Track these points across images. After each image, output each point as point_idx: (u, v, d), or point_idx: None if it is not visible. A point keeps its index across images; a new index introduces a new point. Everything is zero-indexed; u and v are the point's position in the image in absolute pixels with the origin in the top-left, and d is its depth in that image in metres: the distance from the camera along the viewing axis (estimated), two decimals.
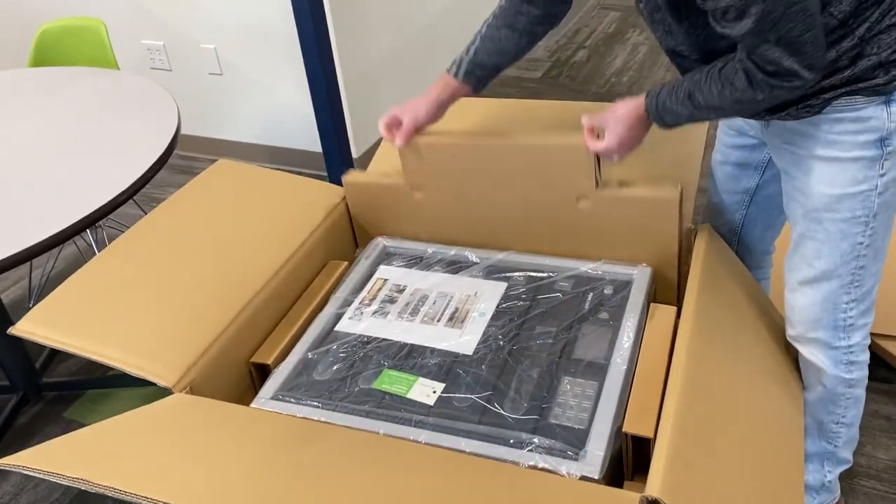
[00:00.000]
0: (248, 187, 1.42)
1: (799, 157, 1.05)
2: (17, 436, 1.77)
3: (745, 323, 1.16)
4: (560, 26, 3.74)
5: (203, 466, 0.81)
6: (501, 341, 1.13)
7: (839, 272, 1.07)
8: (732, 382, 1.04)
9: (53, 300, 1.14)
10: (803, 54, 0.88)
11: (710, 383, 0.98)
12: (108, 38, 2.12)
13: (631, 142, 1.09)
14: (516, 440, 0.97)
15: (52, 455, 0.78)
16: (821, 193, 1.03)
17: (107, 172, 1.49)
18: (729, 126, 1.23)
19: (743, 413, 1.02)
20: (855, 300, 1.09)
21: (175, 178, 2.81)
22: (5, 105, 1.84)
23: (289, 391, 1.09)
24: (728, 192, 1.28)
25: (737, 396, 1.03)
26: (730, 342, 1.09)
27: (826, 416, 1.21)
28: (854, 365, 1.14)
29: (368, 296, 1.26)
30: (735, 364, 1.07)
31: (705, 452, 0.89)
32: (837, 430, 1.22)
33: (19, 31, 2.92)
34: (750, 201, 1.26)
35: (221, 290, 1.18)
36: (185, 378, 1.04)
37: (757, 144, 1.20)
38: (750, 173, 1.23)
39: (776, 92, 0.93)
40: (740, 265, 1.26)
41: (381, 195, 1.37)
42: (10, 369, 1.81)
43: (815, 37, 0.88)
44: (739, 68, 0.93)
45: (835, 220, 1.04)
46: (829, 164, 1.01)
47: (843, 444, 1.24)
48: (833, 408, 1.19)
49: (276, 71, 2.63)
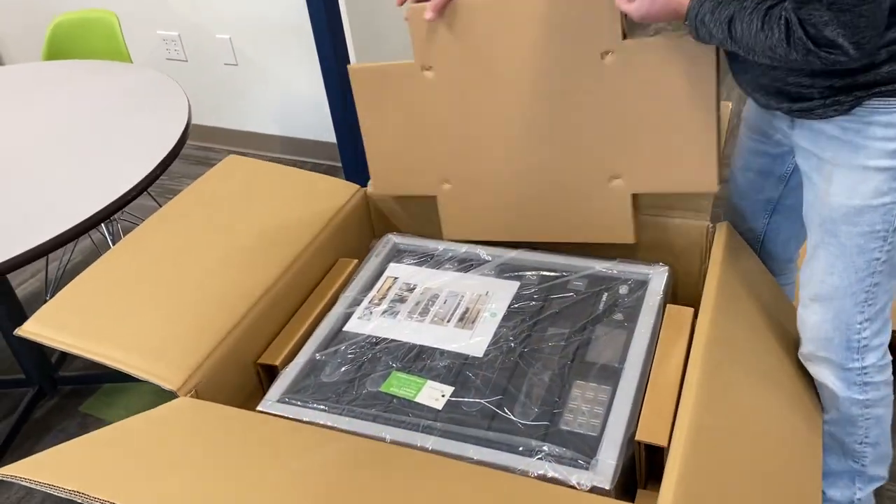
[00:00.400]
0: (257, 183, 1.40)
1: (821, 161, 0.99)
2: (33, 429, 1.78)
3: (763, 331, 1.12)
4: None
5: (205, 477, 0.79)
6: (512, 343, 1.11)
7: (852, 290, 1.01)
8: (748, 392, 1.00)
9: (60, 301, 1.13)
10: (853, 28, 0.80)
11: (726, 392, 0.95)
12: (120, 31, 2.11)
13: (656, 19, 1.00)
14: (526, 447, 0.94)
15: (52, 464, 0.77)
16: (840, 204, 0.97)
17: (118, 167, 1.49)
18: (751, 129, 1.16)
19: (758, 424, 0.99)
20: (868, 319, 1.03)
21: (191, 169, 2.81)
22: (18, 99, 1.84)
23: (296, 393, 1.08)
24: (750, 199, 1.22)
25: (752, 406, 1.00)
26: (747, 350, 1.06)
27: (846, 437, 1.15)
28: (869, 386, 1.08)
29: (378, 295, 1.24)
30: (751, 373, 1.04)
31: (720, 464, 0.86)
32: (862, 450, 1.15)
33: (33, 24, 2.92)
34: (773, 210, 1.20)
35: (230, 289, 1.16)
36: (190, 380, 1.03)
37: (780, 154, 1.13)
38: (773, 183, 1.17)
39: (811, 58, 0.85)
40: (760, 265, 1.22)
41: (389, 82, 1.26)
42: (26, 363, 1.82)
43: (872, 12, 0.79)
44: (783, 17, 0.85)
45: (851, 233, 0.98)
46: (853, 171, 0.95)
47: (872, 462, 1.17)
48: (852, 429, 1.13)
49: (290, 61, 2.61)
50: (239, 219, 1.31)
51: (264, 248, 1.25)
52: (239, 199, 1.36)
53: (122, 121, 1.67)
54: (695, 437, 0.85)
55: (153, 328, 1.09)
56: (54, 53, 2.19)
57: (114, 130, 1.64)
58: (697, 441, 0.85)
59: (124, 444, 0.84)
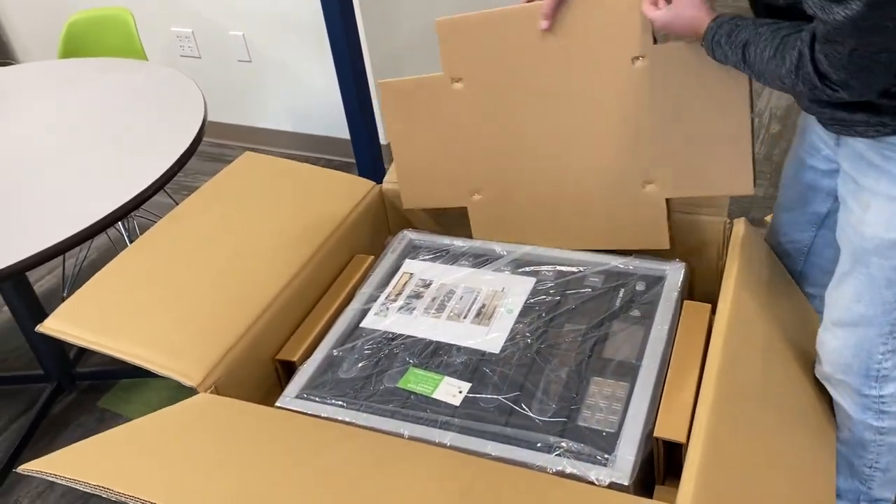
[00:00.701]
0: (273, 180, 1.41)
1: (860, 188, 0.96)
2: (52, 425, 1.80)
3: (782, 328, 1.12)
4: None
5: (227, 473, 0.80)
6: (529, 339, 1.11)
7: (878, 321, 0.98)
8: (767, 390, 1.00)
9: (80, 297, 1.14)
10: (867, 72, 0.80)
11: (745, 389, 0.95)
12: (135, 29, 2.12)
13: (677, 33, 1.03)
14: (544, 444, 0.94)
15: (75, 460, 0.78)
16: (874, 235, 0.94)
17: (135, 165, 1.49)
18: (803, 141, 1.12)
19: (775, 421, 0.98)
20: (891, 351, 1.00)
21: (205, 166, 2.82)
22: (35, 97, 1.85)
23: (314, 389, 1.08)
24: (798, 211, 1.18)
25: (770, 404, 0.99)
26: (765, 347, 1.06)
27: (856, 459, 1.13)
28: (886, 414, 1.06)
29: (394, 291, 1.25)
30: (770, 371, 1.04)
31: (738, 461, 0.86)
32: (871, 475, 1.13)
33: (49, 23, 2.94)
34: (821, 224, 1.16)
35: (247, 285, 1.17)
36: (210, 377, 1.04)
37: (829, 170, 1.09)
38: (822, 198, 1.13)
39: (816, 92, 0.85)
40: (778, 264, 1.22)
41: (419, 95, 1.26)
42: (44, 359, 1.84)
43: (891, 60, 0.79)
44: (797, 49, 0.85)
45: (883, 266, 0.95)
46: (891, 203, 0.92)
47: (879, 486, 1.15)
48: (863, 452, 1.11)
49: (304, 58, 2.61)
50: (256, 215, 1.31)
51: (281, 244, 1.26)
52: (256, 195, 1.37)
53: (138, 118, 1.68)
54: (714, 433, 0.85)
55: (173, 325, 1.09)
56: (70, 51, 2.20)
57: (130, 128, 1.65)
58: (716, 437, 0.85)
59: (146, 441, 0.85)
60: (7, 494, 1.64)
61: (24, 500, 1.63)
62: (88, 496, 1.61)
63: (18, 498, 1.63)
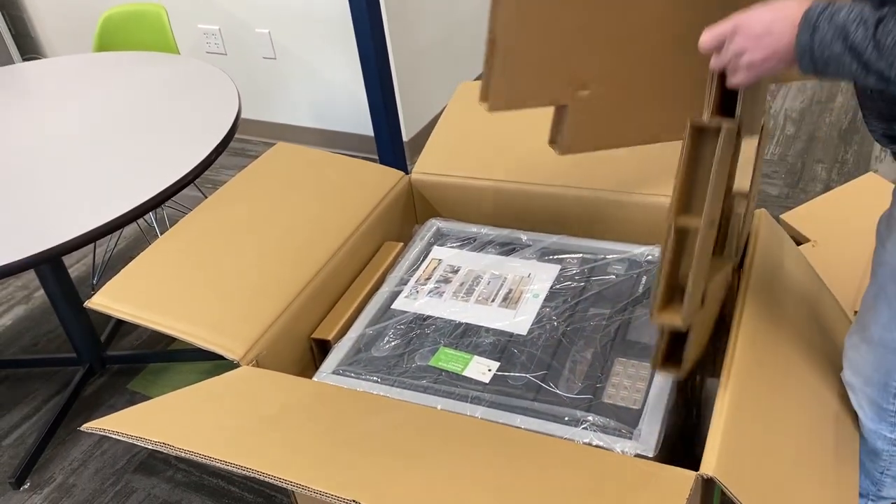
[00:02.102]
0: (306, 170, 1.46)
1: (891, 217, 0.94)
2: (84, 405, 1.86)
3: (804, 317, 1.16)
4: None
5: (274, 433, 0.85)
6: (555, 322, 1.16)
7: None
8: (787, 370, 1.04)
9: (125, 276, 1.20)
10: None
11: (764, 371, 0.99)
12: (168, 24, 2.18)
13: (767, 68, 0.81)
14: (571, 418, 0.99)
15: (134, 420, 0.83)
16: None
17: (170, 156, 1.55)
18: None
19: (796, 401, 1.02)
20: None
21: (229, 161, 2.88)
22: (69, 89, 1.91)
23: (349, 366, 1.13)
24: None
25: (790, 384, 1.03)
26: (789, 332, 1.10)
27: (868, 462, 1.13)
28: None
29: (424, 275, 1.29)
30: (790, 354, 1.08)
31: (761, 433, 0.90)
32: (882, 479, 1.14)
33: (84, 17, 3.01)
34: None
35: (283, 268, 1.22)
36: (251, 352, 1.09)
37: None
38: None
39: None
40: (802, 258, 1.25)
41: None
42: (77, 342, 1.90)
43: None
44: None
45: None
46: None
47: (889, 487, 1.16)
48: (875, 458, 1.12)
49: (328, 55, 2.67)
50: (290, 203, 1.37)
51: (315, 230, 1.31)
52: (289, 184, 1.42)
53: (172, 111, 1.74)
54: (736, 405, 0.90)
55: (214, 304, 1.15)
56: (105, 45, 2.26)
57: (165, 120, 1.70)
58: (739, 409, 0.89)
59: (199, 404, 0.90)
60: (43, 470, 1.70)
61: (58, 476, 1.68)
62: (121, 472, 1.67)
63: (53, 474, 1.69)
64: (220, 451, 0.75)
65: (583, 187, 1.32)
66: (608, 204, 1.32)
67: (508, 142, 1.46)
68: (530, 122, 1.48)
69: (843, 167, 2.33)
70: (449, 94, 2.88)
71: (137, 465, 1.68)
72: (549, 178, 1.36)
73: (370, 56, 2.23)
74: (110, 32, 2.25)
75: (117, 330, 2.07)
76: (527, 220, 1.40)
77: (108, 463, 1.70)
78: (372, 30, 2.18)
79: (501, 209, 1.42)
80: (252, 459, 0.74)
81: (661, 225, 1.28)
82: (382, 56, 2.26)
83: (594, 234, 1.33)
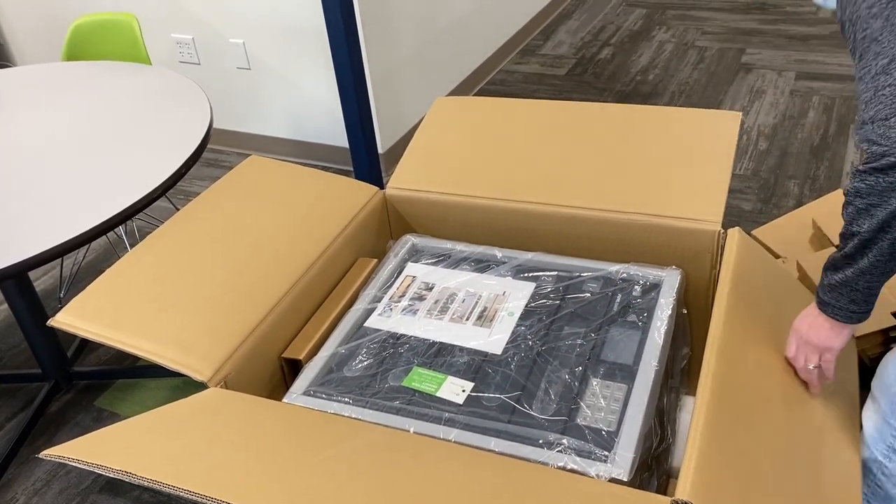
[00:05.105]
0: (279, 184, 1.44)
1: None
2: (49, 423, 1.81)
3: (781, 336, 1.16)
4: (584, 23, 3.73)
5: (241, 461, 0.82)
6: (530, 341, 1.14)
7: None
8: (765, 390, 1.04)
9: (91, 293, 1.16)
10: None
11: (741, 389, 0.99)
12: (140, 34, 2.15)
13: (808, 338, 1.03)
14: (545, 440, 0.98)
15: (95, 447, 0.80)
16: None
17: (140, 168, 1.52)
18: None
19: (775, 419, 1.02)
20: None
21: (202, 172, 2.84)
22: (39, 99, 1.87)
23: (320, 386, 1.11)
24: None
25: (770, 404, 1.03)
26: (763, 350, 1.09)
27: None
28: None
29: (398, 293, 1.28)
30: (769, 370, 1.07)
31: (736, 456, 0.89)
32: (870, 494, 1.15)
33: (53, 25, 2.96)
34: None
35: (255, 285, 1.20)
36: (220, 372, 1.06)
37: None
38: None
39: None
40: (783, 273, 1.25)
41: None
42: (42, 358, 1.85)
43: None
44: None
45: None
46: None
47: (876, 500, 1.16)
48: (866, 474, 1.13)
49: (303, 66, 2.65)
50: (262, 218, 1.34)
51: (287, 246, 1.29)
52: (262, 198, 1.39)
53: (142, 122, 1.71)
54: (710, 429, 0.89)
55: (182, 322, 1.12)
56: (74, 55, 2.22)
57: (135, 131, 1.67)
58: (713, 433, 0.89)
59: (164, 429, 0.87)
60: (5, 491, 1.65)
61: (21, 496, 1.64)
62: (86, 492, 1.63)
63: (16, 495, 1.64)
64: (185, 481, 0.73)
65: (558, 204, 1.32)
66: (583, 221, 1.31)
67: (484, 158, 1.45)
68: (507, 139, 1.47)
69: (814, 183, 2.35)
70: (425, 106, 2.87)
71: (103, 485, 1.64)
72: (525, 195, 1.35)
73: (346, 68, 2.22)
74: (80, 41, 2.21)
75: (85, 345, 2.03)
76: (502, 237, 1.40)
77: (72, 483, 1.65)
78: (348, 41, 2.16)
79: (477, 225, 1.41)
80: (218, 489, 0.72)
81: (635, 242, 1.28)
82: (358, 68, 2.25)
83: (569, 251, 1.33)
